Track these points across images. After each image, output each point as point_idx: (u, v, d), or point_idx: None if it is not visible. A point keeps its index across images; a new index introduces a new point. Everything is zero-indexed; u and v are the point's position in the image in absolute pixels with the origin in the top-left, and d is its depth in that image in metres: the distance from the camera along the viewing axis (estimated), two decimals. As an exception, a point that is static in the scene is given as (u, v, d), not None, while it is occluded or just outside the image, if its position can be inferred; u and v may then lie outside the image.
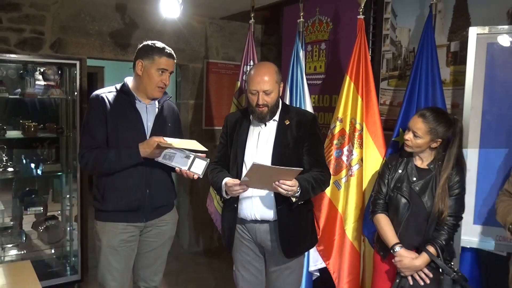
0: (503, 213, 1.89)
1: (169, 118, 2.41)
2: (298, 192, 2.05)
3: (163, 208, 2.39)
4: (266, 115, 2.19)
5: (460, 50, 2.71)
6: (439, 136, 2.12)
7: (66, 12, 3.87)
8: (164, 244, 2.47)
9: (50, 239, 3.93)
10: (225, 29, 4.78)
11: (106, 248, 2.26)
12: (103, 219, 2.27)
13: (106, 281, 2.28)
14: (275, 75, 2.18)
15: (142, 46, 2.30)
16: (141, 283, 2.46)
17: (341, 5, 3.40)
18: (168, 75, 2.30)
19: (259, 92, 2.13)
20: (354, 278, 2.78)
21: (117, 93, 2.28)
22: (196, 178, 2.24)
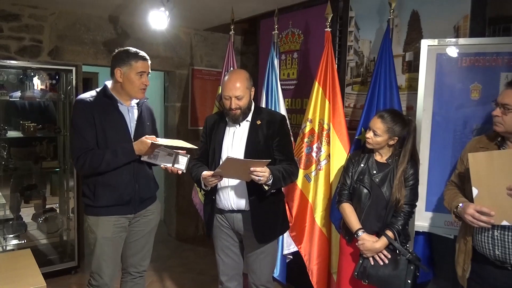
0: (449, 199, 1.92)
1: (147, 118, 2.38)
2: (270, 180, 2.05)
3: (149, 199, 2.37)
4: (239, 117, 2.19)
5: (413, 60, 2.73)
6: (396, 134, 2.15)
7: (63, 22, 3.79)
8: (151, 231, 2.44)
9: (49, 229, 3.85)
10: (208, 40, 4.76)
11: (101, 240, 2.21)
12: (96, 214, 2.20)
13: (102, 269, 2.24)
14: (246, 81, 2.17)
15: (116, 55, 2.23)
16: (131, 269, 2.42)
17: (311, 19, 3.41)
18: (146, 76, 2.25)
19: (231, 98, 2.13)
20: (323, 260, 2.80)
21: (100, 97, 2.22)
22: (180, 173, 2.23)
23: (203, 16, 3.98)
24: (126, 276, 2.45)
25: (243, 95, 2.14)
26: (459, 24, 2.49)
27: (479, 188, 1.65)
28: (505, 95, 1.72)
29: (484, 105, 2.23)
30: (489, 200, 1.64)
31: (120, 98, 2.24)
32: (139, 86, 2.22)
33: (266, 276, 2.34)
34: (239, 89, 2.13)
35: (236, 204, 2.20)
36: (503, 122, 1.72)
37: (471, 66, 2.29)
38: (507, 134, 1.74)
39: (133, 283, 2.45)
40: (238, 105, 2.14)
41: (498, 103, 1.74)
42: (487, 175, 1.63)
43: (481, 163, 1.64)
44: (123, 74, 2.19)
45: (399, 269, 2.07)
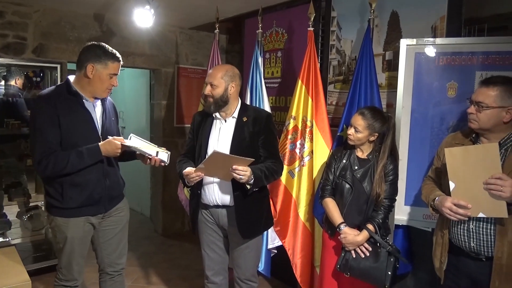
0: (426, 193, 1.95)
1: (112, 113, 2.30)
2: (252, 179, 2.05)
3: (118, 197, 2.31)
4: (210, 106, 2.18)
5: (393, 59, 2.77)
6: (376, 130, 2.18)
7: (47, 20, 3.72)
8: (123, 228, 2.37)
9: (33, 227, 3.78)
10: (194, 38, 4.74)
11: (71, 239, 2.13)
12: (66, 215, 2.09)
13: (71, 265, 2.18)
14: (222, 72, 2.17)
15: (91, 48, 2.08)
16: (108, 268, 2.36)
17: (294, 19, 3.42)
18: (116, 78, 2.17)
19: (207, 84, 2.17)
20: (306, 254, 2.83)
21: (63, 94, 2.07)
22: (163, 165, 2.18)
23: (188, 15, 3.96)
24: (104, 276, 2.39)
25: (218, 85, 2.15)
26: (436, 25, 2.54)
27: (456, 181, 1.69)
28: (479, 93, 1.76)
29: (460, 103, 2.27)
30: (465, 193, 1.67)
31: (84, 94, 2.11)
32: (107, 87, 2.13)
33: (250, 270, 2.35)
34: (215, 77, 2.15)
35: (220, 200, 2.20)
36: (477, 119, 1.75)
37: (448, 65, 2.33)
38: (481, 130, 1.78)
39: (112, 282, 2.40)
40: (210, 93, 2.15)
41: (473, 101, 1.78)
42: (463, 169, 1.66)
43: (457, 157, 1.67)
44: (95, 71, 2.06)
45: (379, 261, 2.10)
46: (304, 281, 2.82)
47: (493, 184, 1.58)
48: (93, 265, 2.41)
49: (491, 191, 1.59)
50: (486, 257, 1.74)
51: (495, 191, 1.58)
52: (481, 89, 1.76)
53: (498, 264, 1.69)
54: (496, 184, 1.57)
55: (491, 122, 1.73)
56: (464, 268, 1.83)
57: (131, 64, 4.30)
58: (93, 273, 2.64)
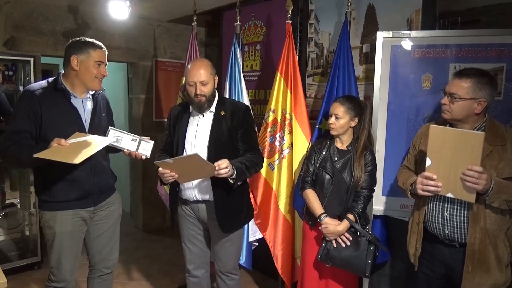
0: (403, 179, 1.98)
1: (103, 109, 2.27)
2: (234, 173, 2.04)
3: (108, 191, 2.28)
4: (204, 104, 2.15)
5: (370, 51, 2.79)
6: (355, 114, 2.21)
7: (19, 11, 3.59)
8: (115, 223, 2.35)
9: (9, 225, 3.68)
10: (172, 31, 4.67)
11: (60, 235, 2.10)
12: (53, 209, 2.09)
13: (62, 264, 2.13)
14: (209, 68, 2.15)
15: (72, 43, 2.11)
16: (99, 265, 2.33)
17: (273, 11, 3.41)
18: (104, 67, 2.16)
19: (196, 83, 2.10)
20: (287, 245, 2.84)
21: (50, 90, 2.07)
22: (144, 159, 2.15)
23: (166, 7, 3.90)
24: (94, 272, 2.35)
25: (208, 81, 2.12)
26: (411, 18, 2.57)
27: (433, 159, 1.71)
28: (452, 85, 1.80)
29: (434, 94, 2.32)
30: (439, 172, 1.69)
31: (73, 89, 2.10)
32: (96, 75, 2.11)
33: (232, 264, 2.35)
34: (203, 74, 2.10)
35: (200, 195, 2.19)
36: (450, 110, 1.79)
37: (423, 58, 2.37)
38: (454, 121, 1.82)
39: (101, 280, 2.36)
40: (203, 91, 2.11)
41: (446, 92, 1.82)
42: (442, 148, 1.67)
43: (440, 136, 1.68)
44: (80, 63, 2.07)
45: (360, 250, 2.14)
46: (285, 273, 2.84)
47: (470, 176, 1.60)
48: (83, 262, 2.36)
49: (466, 182, 1.62)
50: (460, 244, 1.80)
51: (470, 183, 1.61)
52: (454, 80, 1.80)
53: (471, 250, 1.74)
54: (473, 176, 1.60)
55: (463, 113, 1.77)
56: (438, 255, 1.88)
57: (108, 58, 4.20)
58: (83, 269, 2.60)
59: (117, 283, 3.39)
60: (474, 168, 1.59)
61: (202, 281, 2.41)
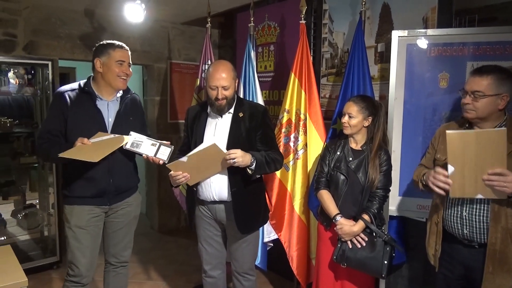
0: (417, 172, 1.97)
1: (132, 113, 2.31)
2: (253, 163, 2.03)
3: (126, 192, 2.32)
4: (225, 107, 2.16)
5: (385, 50, 2.77)
6: (369, 113, 2.19)
7: (37, 16, 3.67)
8: (130, 223, 2.40)
9: (29, 225, 3.76)
10: (186, 33, 4.70)
11: (74, 228, 2.18)
12: (70, 203, 2.20)
13: (77, 258, 2.20)
14: (232, 72, 2.15)
15: (96, 48, 2.22)
16: (112, 259, 2.40)
17: (286, 12, 3.41)
18: (127, 66, 2.22)
19: (218, 88, 2.10)
20: (302, 246, 2.84)
21: (79, 92, 2.19)
22: (161, 163, 2.17)
23: (180, 10, 3.93)
24: (108, 266, 2.43)
25: (230, 85, 2.12)
26: (427, 16, 2.54)
27: (455, 165, 1.67)
28: (472, 83, 1.77)
29: (451, 93, 2.28)
30: (464, 176, 1.65)
31: (100, 92, 2.20)
32: (118, 74, 2.17)
33: (248, 264, 2.35)
34: (226, 79, 2.11)
35: (218, 195, 2.19)
36: (474, 108, 1.76)
37: (439, 56, 2.33)
38: (477, 119, 1.79)
39: (115, 273, 2.43)
40: (224, 95, 2.12)
41: (467, 91, 1.79)
42: (462, 153, 1.64)
43: (457, 141, 1.65)
44: (102, 64, 2.16)
45: (376, 251, 2.11)
46: (301, 273, 2.84)
47: (495, 181, 1.58)
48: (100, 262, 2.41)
49: (494, 187, 1.59)
50: (479, 244, 1.76)
51: (499, 187, 1.58)
52: (475, 78, 1.77)
53: (492, 250, 1.71)
54: (499, 180, 1.57)
55: (488, 110, 1.74)
56: (457, 255, 1.85)
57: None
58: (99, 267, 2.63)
59: (134, 282, 3.43)
60: (497, 171, 1.56)
61: (218, 282, 2.42)
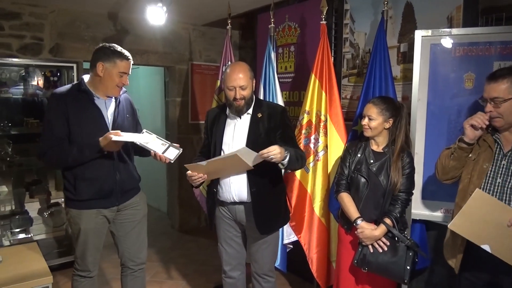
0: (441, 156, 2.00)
1: (127, 110, 2.34)
2: (287, 157, 2.02)
3: (132, 191, 2.35)
4: (243, 108, 2.16)
5: (408, 50, 2.72)
6: (390, 115, 2.15)
7: (62, 20, 3.77)
8: (141, 221, 2.42)
9: (54, 223, 3.85)
10: (207, 35, 4.73)
11: (84, 231, 2.21)
12: (78, 207, 2.19)
13: (85, 256, 2.25)
14: (248, 72, 2.16)
15: (101, 49, 2.17)
16: (129, 263, 2.41)
17: (307, 13, 3.38)
18: (126, 77, 2.21)
19: (236, 88, 2.11)
20: (322, 249, 2.81)
21: (75, 92, 2.17)
22: (167, 162, 2.19)
23: (200, 11, 3.96)
24: (126, 270, 2.44)
25: (247, 85, 2.13)
26: (452, 15, 2.48)
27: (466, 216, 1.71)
28: (489, 90, 1.73)
29: (477, 94, 2.21)
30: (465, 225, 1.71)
31: (96, 92, 2.19)
32: (117, 84, 2.18)
33: (268, 266, 2.35)
34: (243, 79, 2.12)
35: (238, 196, 2.19)
36: (499, 115, 1.71)
37: (465, 56, 2.27)
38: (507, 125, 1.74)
39: (133, 277, 2.44)
40: (242, 95, 2.12)
41: (487, 99, 1.74)
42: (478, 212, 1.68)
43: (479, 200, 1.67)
44: (105, 70, 2.13)
45: (398, 256, 2.07)
46: (321, 276, 2.81)
47: None
48: (114, 260, 2.45)
49: None
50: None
51: None
52: (490, 85, 1.73)
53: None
54: None
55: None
56: (483, 261, 1.79)
57: (145, 62, 4.33)
58: (114, 268, 2.69)
59: (155, 281, 3.47)
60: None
61: (238, 282, 2.42)
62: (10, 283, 2.13)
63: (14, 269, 2.29)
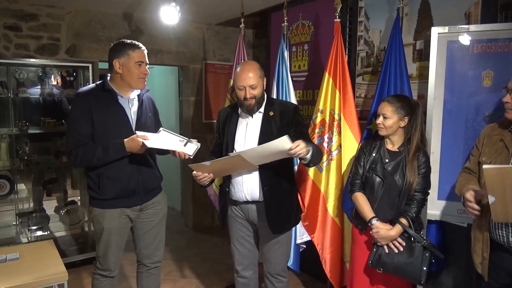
0: (460, 185, 1.88)
1: (149, 109, 2.36)
2: (310, 151, 1.97)
3: (154, 190, 2.36)
4: (254, 107, 2.15)
5: (424, 48, 2.66)
6: (405, 114, 2.12)
7: (79, 20, 3.82)
8: (160, 222, 2.44)
9: (70, 221, 3.92)
10: (221, 34, 4.74)
11: (107, 230, 2.23)
12: (102, 206, 2.21)
13: (107, 256, 2.27)
14: (258, 71, 2.14)
15: (113, 47, 2.20)
16: (145, 260, 2.44)
17: (320, 10, 3.35)
18: (145, 66, 2.23)
19: (246, 87, 2.10)
20: (336, 249, 2.78)
21: (99, 91, 2.20)
22: (187, 158, 2.19)
23: (214, 11, 3.96)
24: (142, 267, 2.47)
25: (257, 84, 2.12)
26: (470, 11, 2.42)
27: (495, 196, 1.60)
28: None
29: (496, 92, 2.16)
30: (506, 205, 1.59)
31: (120, 90, 2.21)
32: (138, 75, 2.19)
33: (281, 265, 2.33)
34: (253, 78, 2.10)
35: (250, 196, 2.19)
36: None
37: (483, 53, 2.21)
38: None
39: (148, 274, 2.47)
40: (252, 95, 2.12)
41: (509, 89, 1.68)
42: (501, 185, 1.57)
43: (495, 175, 1.58)
44: (121, 65, 2.16)
45: (414, 257, 2.04)
46: (334, 277, 2.78)
47: None
48: (131, 258, 2.48)
49: None
50: (527, 253, 1.66)
51: None
52: None
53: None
54: None
55: None
56: (502, 264, 1.75)
57: (160, 62, 4.36)
58: (130, 266, 2.71)
59: (169, 279, 3.49)
60: None
61: (250, 282, 2.41)
62: (27, 280, 2.16)
63: (30, 266, 2.33)
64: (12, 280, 2.13)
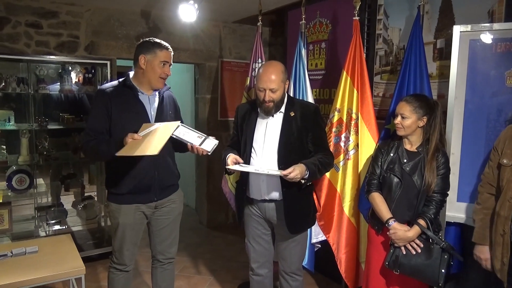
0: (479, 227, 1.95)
1: (170, 106, 2.37)
2: (307, 174, 2.02)
3: (170, 188, 2.37)
4: (272, 110, 2.15)
5: (445, 47, 2.62)
6: (423, 113, 2.09)
7: (97, 18, 3.86)
8: (175, 219, 2.45)
9: (87, 216, 3.98)
10: (237, 32, 4.74)
11: (122, 225, 2.26)
12: (118, 201, 2.24)
13: (122, 251, 2.30)
14: (281, 74, 2.12)
15: (142, 43, 2.24)
16: (159, 256, 2.46)
17: (339, 8, 3.32)
18: (168, 67, 2.26)
19: (266, 90, 2.09)
20: (351, 249, 2.76)
21: (120, 87, 2.23)
22: (204, 154, 2.19)
23: (231, 9, 3.96)
24: (156, 262, 2.50)
25: (278, 88, 2.10)
26: (493, 9, 2.37)
27: None
28: None
29: (520, 92, 2.11)
30: None
31: (141, 87, 2.24)
32: (160, 75, 2.22)
33: (296, 264, 2.33)
34: (274, 81, 2.08)
35: (268, 195, 2.19)
36: None
37: (507, 52, 2.16)
38: None
39: (162, 269, 2.50)
40: (271, 98, 2.10)
41: None
42: None
43: None
44: (146, 62, 2.19)
45: (432, 258, 2.01)
46: (349, 277, 2.76)
47: None
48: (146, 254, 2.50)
49: None
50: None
51: None
52: None
53: None
54: None
55: None
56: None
57: (176, 59, 4.35)
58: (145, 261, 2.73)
59: (183, 276, 3.52)
60: None
61: (265, 280, 2.42)
62: (46, 273, 2.20)
63: (49, 260, 2.37)
64: (32, 273, 2.18)
